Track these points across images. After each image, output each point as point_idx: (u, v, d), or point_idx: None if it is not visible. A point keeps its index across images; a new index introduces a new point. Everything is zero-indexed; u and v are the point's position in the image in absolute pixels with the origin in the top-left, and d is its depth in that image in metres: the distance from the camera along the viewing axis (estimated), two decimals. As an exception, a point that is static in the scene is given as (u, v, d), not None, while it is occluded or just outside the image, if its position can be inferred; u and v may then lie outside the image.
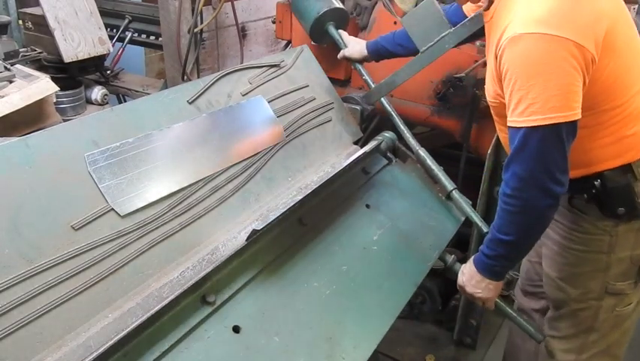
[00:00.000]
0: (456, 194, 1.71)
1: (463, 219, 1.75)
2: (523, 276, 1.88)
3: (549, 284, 1.58)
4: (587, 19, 1.21)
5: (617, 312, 1.49)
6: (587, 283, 1.48)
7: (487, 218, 2.12)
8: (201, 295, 1.13)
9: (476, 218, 1.68)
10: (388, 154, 1.77)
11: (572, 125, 1.23)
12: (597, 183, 1.38)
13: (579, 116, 1.22)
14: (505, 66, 1.23)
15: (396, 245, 1.56)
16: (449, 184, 1.71)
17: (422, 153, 1.76)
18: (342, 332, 1.26)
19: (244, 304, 1.16)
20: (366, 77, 1.97)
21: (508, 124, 1.27)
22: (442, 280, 2.68)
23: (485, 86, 1.46)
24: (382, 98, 1.94)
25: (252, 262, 1.25)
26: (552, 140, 1.22)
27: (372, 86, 1.92)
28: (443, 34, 1.72)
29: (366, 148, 1.64)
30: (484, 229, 1.76)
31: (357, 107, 1.86)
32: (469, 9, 1.68)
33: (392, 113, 1.90)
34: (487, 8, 1.39)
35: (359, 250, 1.46)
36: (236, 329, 1.12)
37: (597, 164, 1.38)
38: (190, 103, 1.41)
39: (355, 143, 1.82)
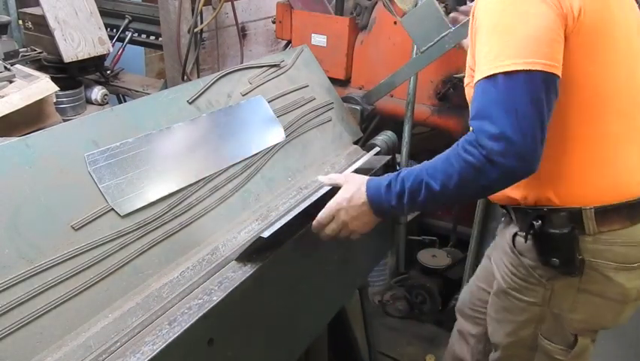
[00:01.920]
0: (401, 228, 1.75)
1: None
2: (466, 297, 1.74)
3: (489, 322, 1.48)
4: None
5: None
6: (519, 333, 1.38)
7: (480, 251, 2.13)
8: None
9: (401, 256, 1.99)
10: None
11: (553, 80, 1.06)
12: (537, 224, 1.23)
13: (559, 72, 1.06)
14: (479, 16, 1.12)
15: (335, 276, 1.56)
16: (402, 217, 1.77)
17: None
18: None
19: (225, 316, 1.14)
20: None
21: (475, 80, 1.11)
22: (442, 280, 2.69)
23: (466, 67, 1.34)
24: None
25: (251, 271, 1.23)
26: (525, 90, 1.04)
27: None
28: (443, 34, 1.71)
29: (367, 158, 1.62)
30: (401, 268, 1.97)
31: (357, 107, 1.86)
32: None
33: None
34: None
35: (315, 275, 1.47)
36: (210, 342, 1.10)
37: (550, 187, 1.22)
38: (190, 103, 1.40)
39: (355, 143, 1.82)
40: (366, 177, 1.25)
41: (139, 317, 1.07)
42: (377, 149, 1.68)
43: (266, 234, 1.15)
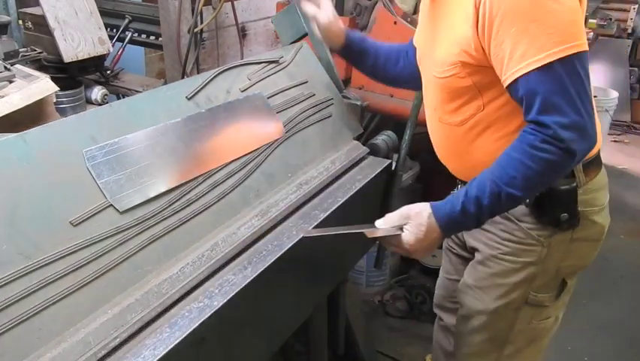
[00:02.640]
0: None
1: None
2: (441, 293, 1.78)
3: (465, 292, 1.49)
4: None
5: (534, 325, 1.43)
6: (510, 295, 1.40)
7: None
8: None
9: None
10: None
11: (586, 56, 1.12)
12: None
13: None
14: (497, 4, 1.10)
15: (324, 270, 1.55)
16: None
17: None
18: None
19: (221, 319, 1.13)
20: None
21: (518, 74, 1.12)
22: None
23: (436, 60, 1.32)
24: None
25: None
26: (581, 70, 1.10)
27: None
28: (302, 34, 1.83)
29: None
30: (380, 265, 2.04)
31: (358, 103, 1.86)
32: None
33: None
34: None
35: (308, 274, 1.48)
36: (202, 340, 1.09)
37: None
38: (189, 99, 1.40)
39: (356, 139, 1.81)
40: (428, 209, 1.24)
41: (138, 312, 1.07)
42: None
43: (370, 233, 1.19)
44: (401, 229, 1.25)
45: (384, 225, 1.27)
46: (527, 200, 1.31)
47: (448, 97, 1.34)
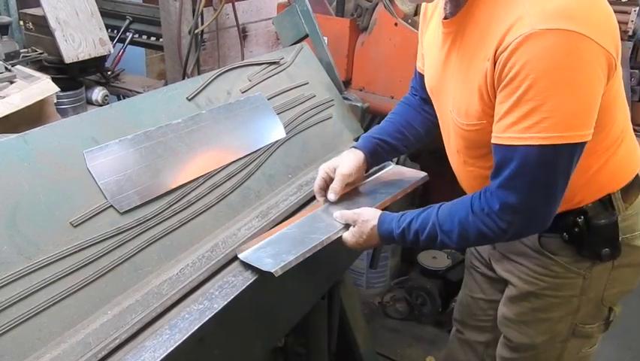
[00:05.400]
0: None
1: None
2: (463, 310, 1.71)
3: (508, 326, 1.44)
4: (608, 20, 1.04)
5: (582, 353, 1.40)
6: (555, 328, 1.36)
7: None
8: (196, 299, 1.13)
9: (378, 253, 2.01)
10: None
11: (583, 147, 1.04)
12: (580, 220, 1.22)
13: (590, 137, 1.04)
14: (517, 67, 1.00)
15: (319, 270, 1.53)
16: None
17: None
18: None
19: (220, 320, 1.13)
20: None
21: (498, 141, 1.07)
22: (442, 281, 2.68)
23: (457, 108, 1.22)
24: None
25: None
26: (561, 163, 1.03)
27: None
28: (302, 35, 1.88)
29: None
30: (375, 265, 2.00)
31: (358, 104, 1.86)
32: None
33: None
34: (454, 14, 1.17)
35: (305, 274, 1.43)
36: (201, 340, 1.09)
37: (580, 197, 1.22)
38: (189, 100, 1.40)
39: (356, 140, 1.81)
40: (375, 221, 1.30)
41: (138, 313, 1.07)
42: (391, 165, 1.65)
43: (278, 272, 1.17)
44: (347, 227, 1.34)
45: (339, 218, 1.35)
46: (565, 235, 1.26)
47: (472, 145, 1.25)
